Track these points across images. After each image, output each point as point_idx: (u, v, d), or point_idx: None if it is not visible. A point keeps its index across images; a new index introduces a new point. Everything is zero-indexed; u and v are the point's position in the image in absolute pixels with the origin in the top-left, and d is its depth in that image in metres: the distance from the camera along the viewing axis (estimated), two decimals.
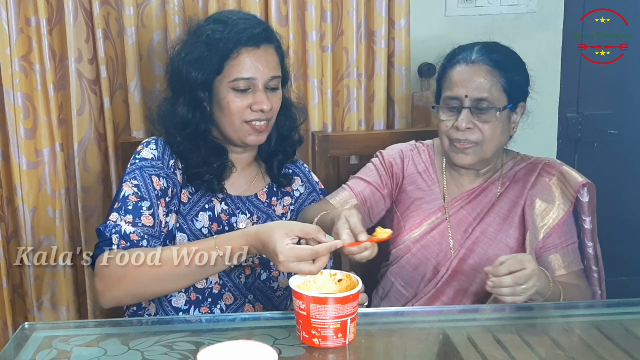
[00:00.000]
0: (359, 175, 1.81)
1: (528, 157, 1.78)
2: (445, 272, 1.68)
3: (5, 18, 1.92)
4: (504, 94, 1.65)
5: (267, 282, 1.58)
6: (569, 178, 1.69)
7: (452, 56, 1.71)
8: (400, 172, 1.78)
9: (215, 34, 1.51)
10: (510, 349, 1.26)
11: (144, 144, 1.56)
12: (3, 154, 2.04)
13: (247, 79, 1.52)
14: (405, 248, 1.73)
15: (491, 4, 2.19)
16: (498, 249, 1.67)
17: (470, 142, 1.65)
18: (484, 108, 1.63)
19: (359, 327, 1.28)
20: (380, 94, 2.14)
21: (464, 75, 1.65)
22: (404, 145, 1.83)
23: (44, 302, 2.09)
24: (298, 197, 1.70)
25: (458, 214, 1.72)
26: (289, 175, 1.70)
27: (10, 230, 2.09)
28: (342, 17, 2.09)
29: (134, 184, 1.48)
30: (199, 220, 1.55)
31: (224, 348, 1.14)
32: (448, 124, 1.67)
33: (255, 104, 1.52)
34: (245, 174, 1.65)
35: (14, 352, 1.26)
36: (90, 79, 2.02)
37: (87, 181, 2.05)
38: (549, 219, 1.68)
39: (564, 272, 1.67)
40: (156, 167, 1.52)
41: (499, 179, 1.74)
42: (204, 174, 1.55)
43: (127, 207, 1.45)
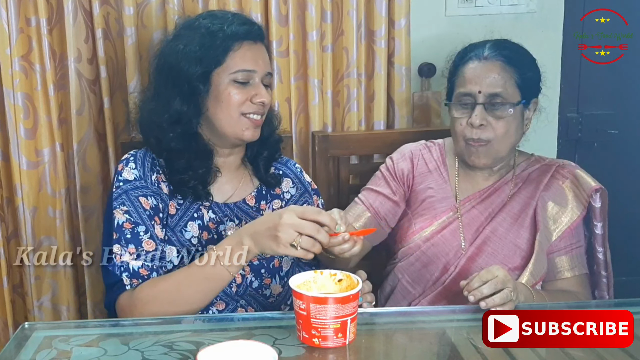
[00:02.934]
0: (370, 185, 1.81)
1: (543, 159, 1.77)
2: (454, 271, 1.68)
3: (6, 18, 1.92)
4: (517, 90, 1.65)
5: (259, 289, 1.56)
6: (582, 182, 1.69)
7: (464, 54, 1.71)
8: (410, 175, 1.78)
9: (215, 26, 1.51)
10: (510, 348, 1.26)
11: (124, 162, 1.55)
12: (3, 154, 2.04)
13: (249, 71, 1.52)
14: (415, 246, 1.72)
15: (491, 4, 2.19)
16: (507, 248, 1.67)
17: (482, 140, 1.65)
18: (498, 104, 1.63)
19: (359, 327, 1.28)
20: (380, 94, 2.14)
21: (478, 71, 1.65)
22: (413, 146, 1.83)
23: (44, 302, 2.09)
24: (289, 200, 1.68)
25: (470, 213, 1.72)
26: (277, 175, 1.68)
27: (11, 230, 2.09)
28: (342, 17, 2.09)
29: (124, 211, 1.47)
30: (188, 230, 1.53)
31: (224, 348, 1.14)
32: (462, 122, 1.66)
33: (256, 96, 1.52)
34: (231, 178, 1.63)
35: (14, 352, 1.26)
36: (90, 79, 2.02)
37: (86, 181, 2.05)
38: (562, 222, 1.67)
39: (569, 275, 1.68)
40: (141, 188, 1.51)
41: (512, 179, 1.73)
42: (188, 179, 1.53)
43: (125, 237, 1.45)
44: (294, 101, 2.10)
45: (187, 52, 1.51)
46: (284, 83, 2.08)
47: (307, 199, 1.71)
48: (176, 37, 1.56)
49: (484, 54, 1.66)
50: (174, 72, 1.53)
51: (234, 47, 1.51)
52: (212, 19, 1.54)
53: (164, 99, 1.54)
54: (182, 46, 1.52)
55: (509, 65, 1.65)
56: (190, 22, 1.57)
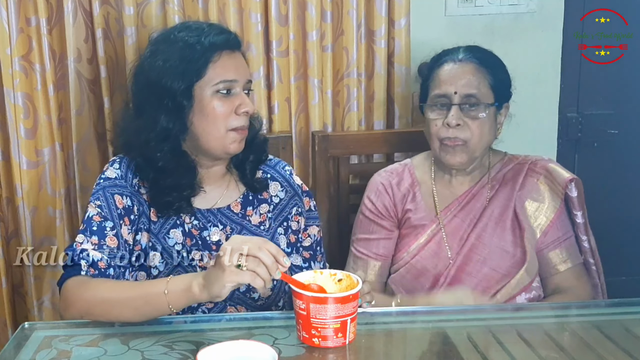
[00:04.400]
0: (363, 235, 1.79)
1: (515, 157, 1.79)
2: (444, 282, 1.69)
3: (6, 18, 1.92)
4: (491, 91, 1.68)
5: (246, 293, 1.53)
6: (555, 175, 1.71)
7: (438, 57, 1.75)
8: (391, 205, 1.78)
9: (192, 39, 1.49)
10: (510, 349, 1.26)
11: (110, 163, 1.56)
12: (3, 153, 2.04)
13: (231, 81, 1.50)
14: (403, 262, 1.74)
15: (491, 3, 2.19)
16: (494, 253, 1.68)
17: (458, 139, 1.66)
18: (473, 104, 1.66)
19: (359, 327, 1.28)
20: (380, 94, 2.14)
21: (453, 73, 1.69)
22: (382, 176, 1.81)
23: (44, 302, 2.09)
24: (277, 204, 1.63)
25: (452, 222, 1.73)
26: (264, 180, 1.64)
27: (11, 230, 2.09)
28: (342, 17, 2.09)
29: (97, 205, 1.48)
30: (171, 237, 1.52)
31: (224, 348, 1.14)
32: (438, 123, 1.69)
33: (241, 106, 1.50)
34: (215, 187, 1.59)
35: (14, 352, 1.26)
36: (90, 78, 2.02)
37: (86, 181, 2.05)
38: (543, 218, 1.70)
39: (568, 266, 1.70)
40: (119, 186, 1.51)
41: (489, 182, 1.74)
42: (173, 201, 1.51)
43: (92, 228, 1.46)
44: (294, 101, 2.10)
45: (168, 67, 1.48)
46: (284, 83, 2.08)
47: (297, 202, 1.65)
48: (153, 52, 1.53)
49: (459, 57, 1.70)
50: (156, 88, 1.49)
51: (214, 58, 1.48)
52: (188, 32, 1.51)
53: (148, 117, 1.51)
54: (161, 62, 1.49)
55: (482, 67, 1.69)
56: (165, 36, 1.55)
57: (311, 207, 1.70)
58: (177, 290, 1.30)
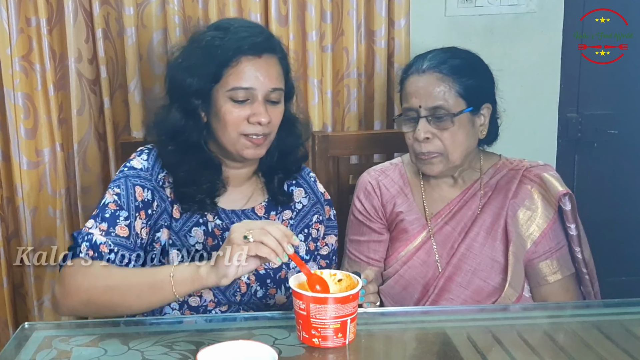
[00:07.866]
0: (353, 236, 1.78)
1: (510, 162, 1.73)
2: (433, 292, 1.67)
3: (6, 18, 1.93)
4: (460, 99, 1.62)
5: (263, 299, 1.54)
6: (549, 186, 1.66)
7: (407, 67, 1.70)
8: (380, 206, 1.75)
9: (215, 41, 1.47)
10: (510, 349, 1.26)
11: (137, 152, 1.54)
12: (4, 154, 2.04)
13: (246, 89, 1.46)
14: (393, 270, 1.72)
15: (491, 4, 2.19)
16: (485, 264, 1.65)
17: (432, 152, 1.63)
18: (441, 115, 1.61)
19: (359, 327, 1.28)
20: (380, 94, 2.14)
21: (416, 85, 1.64)
22: (371, 175, 1.79)
23: (45, 302, 2.10)
24: (300, 210, 1.62)
25: (442, 230, 1.70)
26: (289, 193, 1.62)
27: (11, 230, 2.09)
28: (342, 17, 2.09)
29: (115, 192, 1.46)
30: (193, 235, 1.51)
31: (224, 348, 1.14)
32: (410, 136, 1.65)
33: (253, 116, 1.46)
34: (242, 189, 1.59)
35: (14, 352, 1.26)
36: (90, 79, 2.02)
37: (86, 181, 2.05)
38: (535, 227, 1.65)
39: (553, 280, 1.66)
40: (143, 178, 1.49)
41: (480, 189, 1.70)
42: (193, 193, 1.50)
43: (104, 215, 1.43)
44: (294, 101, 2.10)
45: (185, 66, 1.49)
46: None
47: (319, 209, 1.65)
48: (181, 49, 1.54)
49: (422, 67, 1.63)
50: (173, 85, 1.52)
51: (231, 63, 1.45)
52: (217, 32, 1.49)
53: (170, 110, 1.53)
54: (180, 60, 1.51)
55: (448, 76, 1.61)
56: (196, 35, 1.54)
57: (331, 216, 1.69)
58: (183, 273, 1.31)
